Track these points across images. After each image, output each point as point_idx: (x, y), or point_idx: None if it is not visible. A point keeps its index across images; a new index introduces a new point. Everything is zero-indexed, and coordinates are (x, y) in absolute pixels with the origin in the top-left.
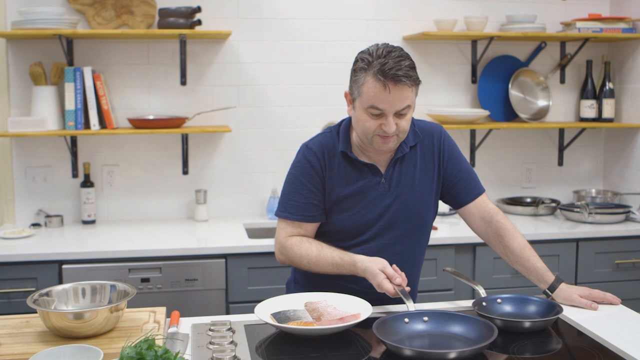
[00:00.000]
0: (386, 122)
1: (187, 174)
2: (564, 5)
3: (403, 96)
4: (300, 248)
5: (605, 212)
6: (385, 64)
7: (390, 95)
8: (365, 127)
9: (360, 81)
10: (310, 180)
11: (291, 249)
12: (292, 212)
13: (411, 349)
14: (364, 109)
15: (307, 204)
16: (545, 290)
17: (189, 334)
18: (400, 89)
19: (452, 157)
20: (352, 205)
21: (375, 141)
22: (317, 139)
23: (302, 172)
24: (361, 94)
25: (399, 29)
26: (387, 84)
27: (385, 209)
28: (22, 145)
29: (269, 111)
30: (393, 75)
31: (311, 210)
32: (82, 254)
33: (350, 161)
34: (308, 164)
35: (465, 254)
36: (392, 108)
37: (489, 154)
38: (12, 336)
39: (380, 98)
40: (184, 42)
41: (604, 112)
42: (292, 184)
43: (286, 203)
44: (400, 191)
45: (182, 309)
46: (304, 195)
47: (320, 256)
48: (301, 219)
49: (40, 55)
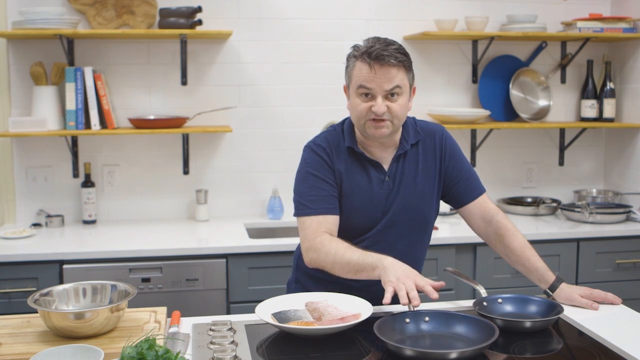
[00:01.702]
0: (375, 103)
1: (188, 174)
2: (565, 5)
3: (390, 75)
4: (331, 245)
5: (606, 212)
6: (372, 47)
7: (377, 75)
8: (357, 112)
9: (350, 68)
10: (325, 174)
11: (322, 244)
12: (313, 207)
13: (412, 349)
14: (355, 91)
15: (325, 197)
16: (546, 290)
17: (189, 334)
18: (386, 70)
19: (454, 156)
20: (358, 201)
21: (368, 126)
22: (322, 136)
23: (316, 167)
24: (351, 79)
25: (399, 29)
26: (373, 64)
27: (388, 207)
28: (23, 145)
29: (269, 111)
30: (377, 55)
31: (331, 201)
32: (82, 254)
33: (356, 157)
34: (320, 158)
35: (466, 254)
36: (380, 88)
37: (489, 153)
38: (12, 336)
39: (367, 77)
40: (185, 42)
41: (604, 112)
42: (306, 181)
43: (304, 200)
44: (402, 189)
45: (183, 308)
46: (322, 189)
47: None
48: (324, 212)
49: (40, 55)
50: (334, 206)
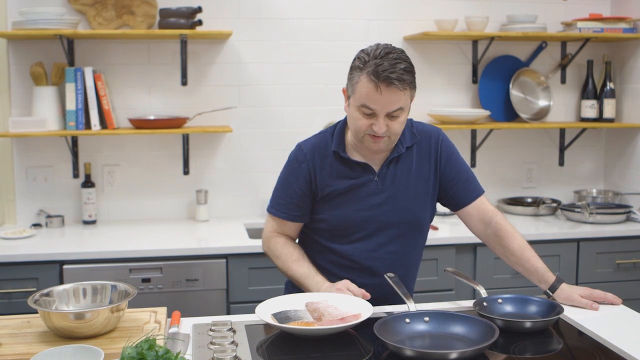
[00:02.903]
0: (377, 122)
1: (188, 174)
2: (565, 5)
3: (394, 98)
4: (283, 249)
5: (606, 212)
6: (380, 65)
7: (382, 97)
8: (357, 125)
9: (354, 79)
10: (296, 181)
11: (274, 246)
12: (277, 208)
13: (412, 350)
14: (357, 107)
15: (290, 204)
16: (546, 291)
17: (189, 334)
18: (392, 91)
19: (450, 159)
20: (343, 202)
21: (366, 140)
22: (310, 140)
23: (290, 172)
24: (354, 92)
25: (399, 29)
26: (379, 85)
27: (378, 208)
28: (23, 145)
29: (269, 111)
30: (385, 77)
31: (293, 210)
32: (83, 254)
33: (342, 160)
34: (297, 164)
35: (466, 254)
36: (383, 109)
37: (489, 154)
38: (13, 336)
39: (372, 98)
40: (185, 42)
41: (604, 112)
42: (281, 182)
43: (274, 199)
44: (394, 191)
45: (183, 309)
46: (289, 195)
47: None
48: (284, 217)
49: (41, 55)
50: (296, 214)
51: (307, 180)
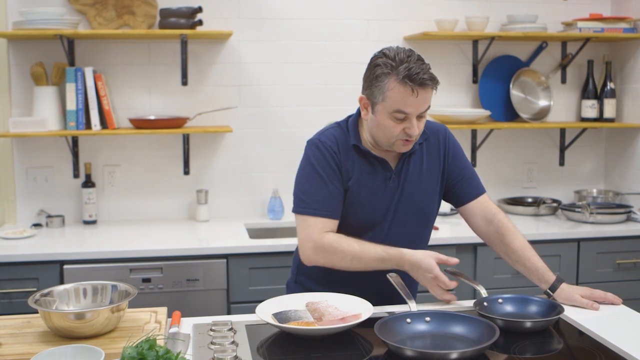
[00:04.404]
0: (410, 124)
1: (188, 174)
2: (565, 5)
3: (427, 98)
4: (342, 244)
5: (607, 212)
6: (411, 68)
7: (417, 99)
8: (389, 132)
9: (385, 87)
10: (332, 175)
11: (330, 246)
12: (317, 207)
13: (413, 350)
14: (389, 113)
15: (331, 199)
16: (547, 291)
17: (190, 334)
18: (426, 92)
19: (456, 156)
20: (363, 199)
21: (397, 145)
22: (329, 132)
23: (322, 167)
24: (386, 99)
25: (399, 29)
26: (415, 89)
27: (393, 204)
28: (24, 145)
29: (270, 111)
30: (421, 80)
31: (335, 205)
32: (83, 254)
33: (362, 154)
34: (327, 158)
35: (466, 254)
36: (417, 111)
37: (490, 154)
38: (13, 336)
39: (408, 102)
40: (185, 42)
41: (605, 112)
42: (311, 180)
43: (308, 199)
44: (407, 187)
45: (183, 309)
46: (327, 190)
47: (364, 251)
48: (328, 214)
49: (41, 55)
50: (337, 209)
51: (337, 172)
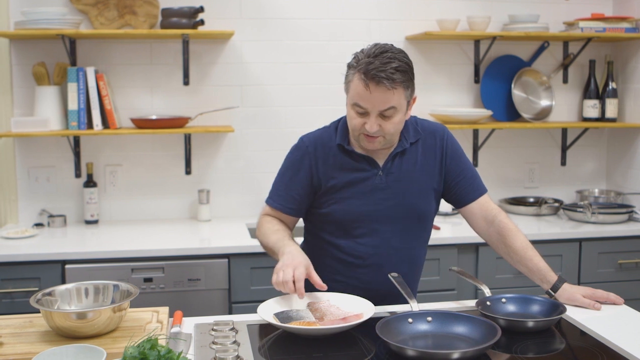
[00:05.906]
0: (368, 121)
1: (190, 174)
2: (567, 5)
3: (385, 98)
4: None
5: (608, 212)
6: (371, 63)
7: (372, 96)
8: (352, 124)
9: (348, 78)
10: (297, 173)
11: (261, 223)
12: (274, 199)
13: (414, 350)
14: (350, 105)
15: (288, 196)
16: (548, 290)
17: (191, 334)
18: (381, 90)
19: (455, 156)
20: (347, 195)
21: (361, 139)
22: (314, 133)
23: (291, 164)
24: (348, 91)
25: (401, 29)
26: (369, 84)
27: (382, 202)
28: (25, 145)
29: (271, 111)
30: (374, 76)
31: (289, 202)
32: (85, 254)
33: (347, 153)
34: (298, 156)
35: (468, 254)
36: (374, 108)
37: (491, 153)
38: (15, 336)
39: (363, 97)
40: (187, 42)
41: (607, 112)
42: (280, 174)
43: (273, 191)
44: (398, 185)
45: (185, 308)
46: (288, 187)
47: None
48: (280, 208)
49: (43, 55)
50: (292, 207)
51: (308, 173)
